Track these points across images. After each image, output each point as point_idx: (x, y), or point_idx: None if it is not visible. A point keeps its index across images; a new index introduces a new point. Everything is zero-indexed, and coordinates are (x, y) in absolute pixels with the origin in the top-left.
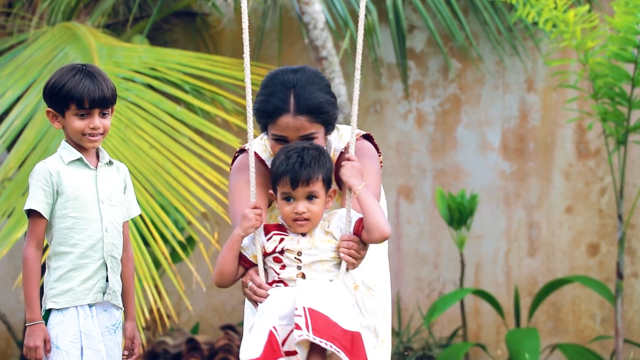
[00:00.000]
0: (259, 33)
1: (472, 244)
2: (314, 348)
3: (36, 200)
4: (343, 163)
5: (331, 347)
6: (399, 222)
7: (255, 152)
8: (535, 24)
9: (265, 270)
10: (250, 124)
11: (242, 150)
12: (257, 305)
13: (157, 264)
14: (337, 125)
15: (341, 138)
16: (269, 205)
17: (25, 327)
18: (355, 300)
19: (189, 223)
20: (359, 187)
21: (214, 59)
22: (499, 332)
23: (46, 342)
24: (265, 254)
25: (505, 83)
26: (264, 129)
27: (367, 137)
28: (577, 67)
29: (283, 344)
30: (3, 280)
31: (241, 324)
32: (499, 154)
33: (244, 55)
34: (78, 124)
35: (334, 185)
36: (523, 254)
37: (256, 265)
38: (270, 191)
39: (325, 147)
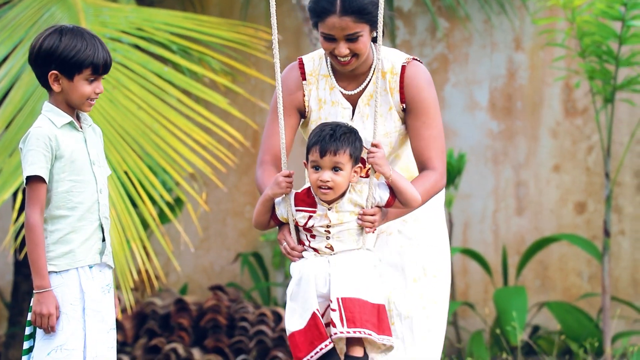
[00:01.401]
0: None
1: (460, 203)
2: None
3: (39, 167)
4: (370, 149)
5: (364, 333)
6: None
7: (300, 58)
8: None
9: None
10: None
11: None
12: (290, 263)
13: (145, 225)
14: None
15: (397, 55)
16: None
17: (34, 293)
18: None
19: (177, 184)
20: (389, 174)
21: (201, 18)
22: (487, 291)
23: (57, 308)
24: (296, 225)
25: (492, 42)
26: (315, 26)
27: (418, 61)
28: (564, 26)
29: (322, 316)
30: None
31: (230, 285)
32: (487, 113)
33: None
34: (87, 88)
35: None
36: (511, 212)
37: (286, 224)
38: (304, 161)
39: (372, 55)
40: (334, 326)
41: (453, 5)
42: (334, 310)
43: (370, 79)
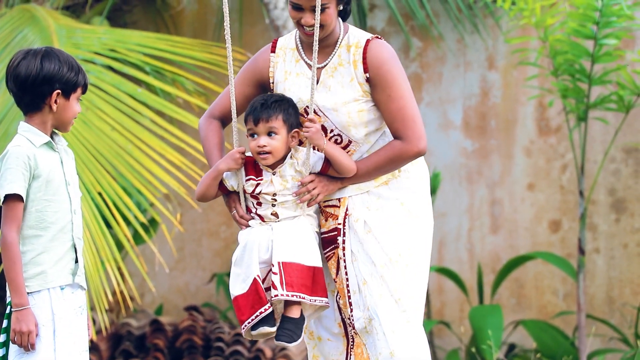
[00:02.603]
0: (219, 14)
1: (435, 222)
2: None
3: (18, 185)
4: (306, 124)
5: (299, 297)
6: None
7: (277, 38)
8: (494, 1)
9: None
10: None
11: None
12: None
13: (119, 246)
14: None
15: (363, 34)
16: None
17: (12, 311)
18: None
19: (151, 205)
20: (323, 145)
21: (175, 39)
22: (463, 310)
23: (36, 325)
24: (244, 193)
25: (466, 61)
26: None
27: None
28: (537, 45)
29: (263, 282)
30: None
31: (205, 305)
32: (461, 132)
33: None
34: (77, 107)
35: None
36: (486, 231)
37: (233, 192)
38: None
39: (339, 30)
40: (275, 288)
41: (426, 25)
42: (275, 273)
43: (335, 53)
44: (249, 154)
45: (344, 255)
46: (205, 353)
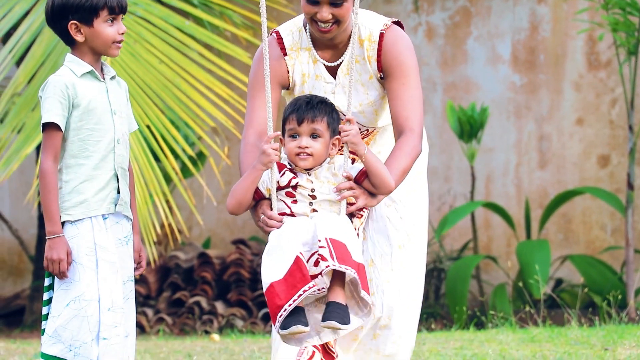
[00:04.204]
0: None
1: (482, 157)
2: (335, 277)
3: (55, 114)
4: (343, 127)
5: (353, 273)
6: None
7: (277, 31)
8: None
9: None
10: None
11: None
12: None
13: (167, 179)
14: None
15: (375, 21)
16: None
17: (46, 239)
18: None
19: (199, 138)
20: (364, 152)
21: None
22: (510, 244)
23: (68, 254)
24: (279, 188)
25: None
26: None
27: (397, 23)
28: None
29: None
30: (15, 196)
31: (252, 238)
32: (510, 67)
33: None
34: (109, 30)
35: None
36: (534, 166)
37: (266, 198)
38: (280, 137)
39: (354, 23)
40: (324, 260)
41: None
42: (322, 247)
43: (348, 49)
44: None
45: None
46: (252, 286)
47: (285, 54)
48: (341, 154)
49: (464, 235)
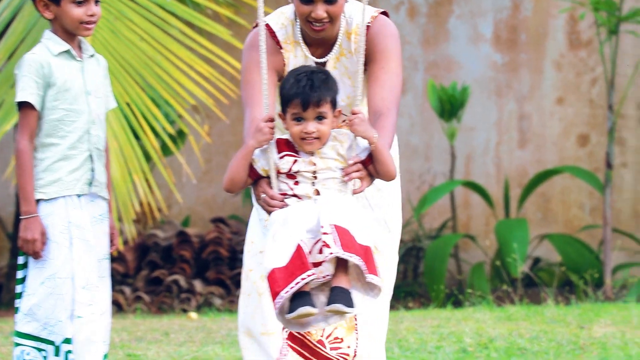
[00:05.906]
0: None
1: (462, 136)
2: (339, 264)
3: (29, 93)
4: (350, 118)
5: (359, 260)
6: None
7: (267, 24)
8: None
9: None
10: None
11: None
12: (270, 214)
13: (147, 157)
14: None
15: (363, 12)
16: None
17: (20, 219)
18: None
19: (180, 116)
20: (374, 138)
21: None
22: (489, 223)
23: (42, 234)
24: (279, 173)
25: None
26: None
27: (384, 14)
28: None
29: (309, 253)
30: None
31: (232, 217)
32: (491, 45)
33: None
34: (76, 11)
35: (339, 106)
36: (513, 145)
37: (264, 177)
38: (280, 113)
39: (344, 16)
40: (328, 247)
41: None
42: (326, 233)
43: (336, 43)
44: (277, 136)
45: None
46: (230, 264)
47: (280, 47)
48: (346, 129)
49: (443, 214)
